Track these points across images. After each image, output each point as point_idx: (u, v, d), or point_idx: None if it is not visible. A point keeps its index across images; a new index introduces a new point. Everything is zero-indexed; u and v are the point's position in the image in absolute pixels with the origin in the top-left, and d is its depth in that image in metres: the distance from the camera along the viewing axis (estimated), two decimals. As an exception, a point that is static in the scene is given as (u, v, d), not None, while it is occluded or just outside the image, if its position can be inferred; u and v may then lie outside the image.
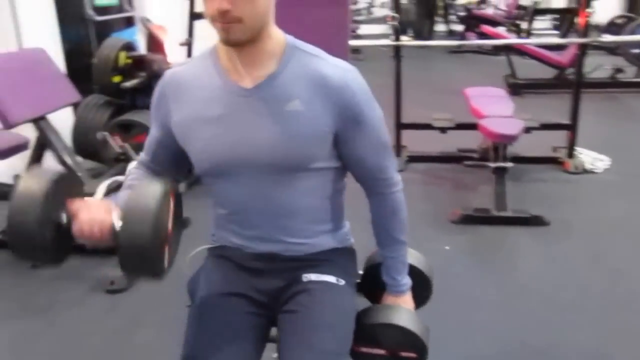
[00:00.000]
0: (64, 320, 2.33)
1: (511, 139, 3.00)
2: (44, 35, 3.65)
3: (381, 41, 4.04)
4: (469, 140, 3.78)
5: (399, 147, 3.89)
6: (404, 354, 1.28)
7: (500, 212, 3.01)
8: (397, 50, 3.71)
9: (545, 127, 3.67)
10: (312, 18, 1.62)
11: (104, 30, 4.59)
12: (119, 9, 5.04)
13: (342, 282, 1.29)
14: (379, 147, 1.24)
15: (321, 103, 1.15)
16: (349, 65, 1.20)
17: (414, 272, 1.41)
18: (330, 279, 1.27)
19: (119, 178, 2.80)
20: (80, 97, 3.09)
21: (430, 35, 9.14)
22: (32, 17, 3.61)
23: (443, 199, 3.37)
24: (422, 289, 1.45)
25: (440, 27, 9.89)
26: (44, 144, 2.78)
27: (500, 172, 3.09)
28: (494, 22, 8.14)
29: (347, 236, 1.38)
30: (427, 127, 3.79)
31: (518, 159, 3.49)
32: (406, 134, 3.96)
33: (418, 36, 8.68)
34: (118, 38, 3.90)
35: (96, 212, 1.05)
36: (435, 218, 3.10)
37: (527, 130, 3.28)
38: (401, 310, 1.32)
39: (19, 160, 2.90)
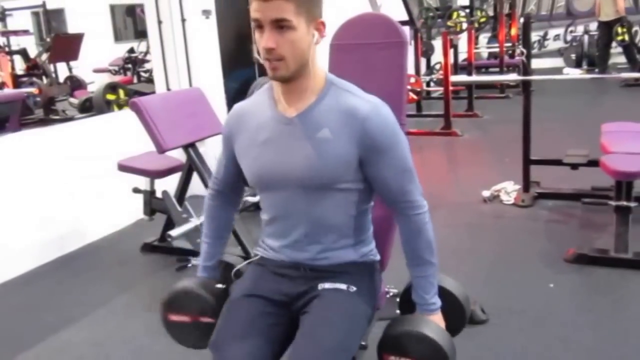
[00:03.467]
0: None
1: (632, 176, 2.81)
2: (210, 77, 4.30)
3: (508, 76, 4.00)
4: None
5: (526, 183, 3.80)
6: None
7: (619, 254, 2.82)
8: (525, 85, 3.67)
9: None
10: (372, 60, 1.79)
11: (269, 71, 5.19)
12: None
13: (354, 289, 1.41)
14: (402, 171, 1.38)
15: (347, 132, 1.33)
16: (377, 100, 1.37)
17: (447, 297, 1.48)
18: (342, 286, 1.41)
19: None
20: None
21: (606, 67, 8.49)
22: (201, 62, 4.28)
23: (564, 237, 3.23)
24: (455, 316, 1.50)
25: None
26: (191, 167, 3.31)
27: (622, 211, 2.90)
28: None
29: (371, 253, 1.52)
30: (558, 163, 3.66)
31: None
32: (546, 170, 3.86)
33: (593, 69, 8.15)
34: (266, 78, 4.43)
35: None
36: (549, 255, 3.00)
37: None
38: (430, 323, 1.38)
39: (173, 180, 3.45)
